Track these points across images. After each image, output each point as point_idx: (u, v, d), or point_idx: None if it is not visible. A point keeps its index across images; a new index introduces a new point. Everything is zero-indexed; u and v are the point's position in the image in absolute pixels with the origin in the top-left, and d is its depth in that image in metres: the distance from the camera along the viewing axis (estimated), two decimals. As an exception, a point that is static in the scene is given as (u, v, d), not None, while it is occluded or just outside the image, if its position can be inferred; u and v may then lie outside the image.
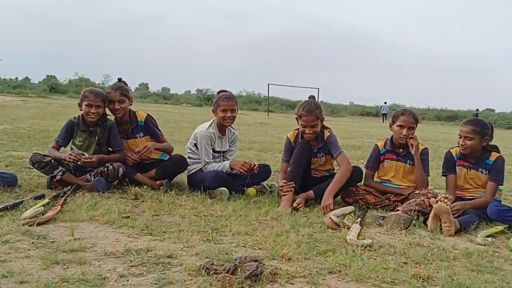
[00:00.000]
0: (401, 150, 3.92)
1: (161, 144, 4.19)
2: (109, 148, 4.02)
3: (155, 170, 3.99)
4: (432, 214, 3.19)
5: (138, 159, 4.00)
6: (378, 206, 3.74)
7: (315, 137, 3.88)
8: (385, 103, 37.20)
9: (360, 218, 3.21)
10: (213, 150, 4.05)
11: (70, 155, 3.69)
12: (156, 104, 34.50)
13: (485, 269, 2.42)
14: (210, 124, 4.11)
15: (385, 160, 3.98)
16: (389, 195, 3.81)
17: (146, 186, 3.78)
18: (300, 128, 3.87)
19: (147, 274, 2.03)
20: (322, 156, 3.96)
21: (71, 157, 3.68)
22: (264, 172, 4.21)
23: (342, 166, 3.75)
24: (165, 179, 3.95)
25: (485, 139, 3.66)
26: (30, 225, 2.60)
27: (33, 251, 2.23)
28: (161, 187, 3.81)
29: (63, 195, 3.31)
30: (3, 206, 2.88)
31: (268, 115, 27.48)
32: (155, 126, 4.24)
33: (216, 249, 2.39)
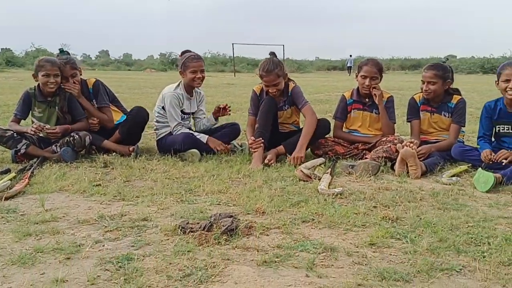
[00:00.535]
0: (367, 100, 3.97)
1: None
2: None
3: (118, 130, 3.94)
4: (399, 159, 3.29)
5: (96, 122, 3.94)
6: (347, 156, 3.81)
7: (280, 93, 3.90)
8: (350, 56, 37.20)
9: (330, 169, 3.27)
10: (182, 112, 4.00)
11: (32, 128, 3.58)
12: (119, 71, 33.60)
13: (451, 207, 2.54)
14: (177, 85, 4.03)
15: (352, 110, 4.03)
16: (357, 145, 3.89)
17: (115, 154, 3.73)
18: (264, 88, 3.86)
19: (123, 238, 2.03)
20: (288, 108, 3.99)
21: (33, 129, 3.57)
22: (233, 131, 4.20)
23: (307, 117, 3.80)
24: (130, 138, 3.91)
25: (447, 83, 3.75)
26: (-2, 200, 2.54)
27: (3, 225, 2.19)
28: (131, 153, 3.76)
29: (30, 168, 3.23)
30: (-33, 184, 2.79)
31: (235, 76, 27.20)
32: (103, 91, 4.10)
33: (191, 209, 2.41)
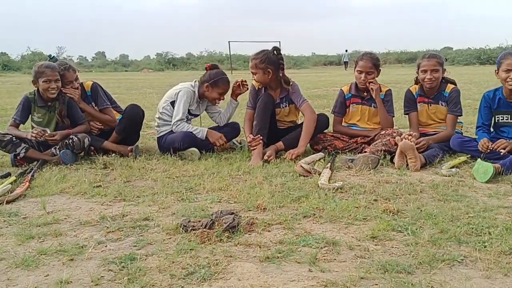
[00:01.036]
0: (365, 94, 3.97)
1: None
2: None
3: (115, 129, 3.95)
4: (398, 152, 3.29)
5: (101, 127, 3.95)
6: (347, 150, 3.82)
7: (276, 87, 3.90)
8: (346, 51, 37.31)
9: (330, 163, 3.27)
10: (189, 112, 3.99)
11: (32, 134, 3.59)
12: (116, 73, 33.55)
13: (451, 198, 2.54)
14: (194, 86, 4.01)
15: (351, 105, 4.03)
16: (357, 139, 3.89)
17: (115, 154, 3.72)
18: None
19: (125, 238, 2.03)
20: (286, 106, 3.98)
21: (33, 135, 3.58)
22: (234, 131, 4.20)
23: (307, 116, 3.80)
24: (129, 137, 3.92)
25: (444, 70, 3.78)
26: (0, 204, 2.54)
27: (6, 229, 2.19)
28: (130, 154, 3.76)
29: (30, 171, 3.23)
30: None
31: (232, 73, 27.09)
32: (102, 93, 4.10)
33: (192, 207, 2.41)
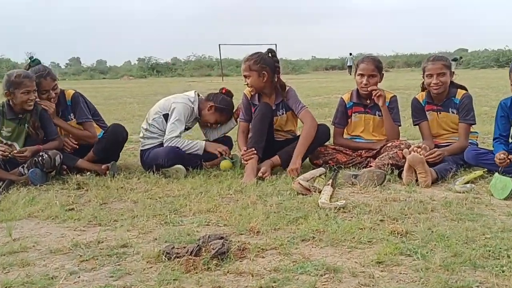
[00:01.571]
0: (369, 101, 3.98)
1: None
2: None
3: (93, 149, 3.94)
4: (406, 166, 3.31)
5: (76, 145, 3.93)
6: (350, 165, 3.83)
7: (271, 93, 3.93)
8: (350, 55, 37.60)
9: (332, 180, 3.29)
10: (185, 128, 4.05)
11: None
12: (93, 80, 33.66)
13: (466, 217, 2.56)
14: (193, 101, 4.02)
15: (353, 114, 4.05)
16: (361, 152, 3.91)
17: (90, 173, 3.72)
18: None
19: (100, 268, 2.03)
20: (283, 114, 4.00)
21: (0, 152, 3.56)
22: (225, 143, 4.19)
23: (306, 123, 3.81)
24: (107, 158, 3.89)
25: (452, 74, 3.82)
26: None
27: (-34, 259, 2.17)
28: (108, 172, 3.75)
29: (-6, 194, 3.21)
30: None
31: (223, 80, 27.29)
32: (84, 105, 4.09)
33: (176, 232, 2.41)
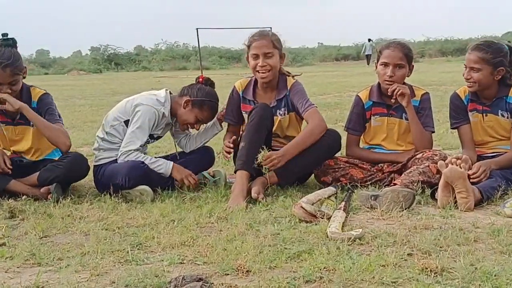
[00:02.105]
0: (393, 100, 3.95)
1: None
2: None
3: (38, 174, 3.90)
4: (442, 184, 3.32)
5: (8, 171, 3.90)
6: (368, 183, 3.85)
7: (274, 86, 3.97)
8: (369, 41, 37.58)
9: (344, 202, 3.29)
10: (150, 136, 4.03)
11: None
12: (31, 76, 33.37)
13: (519, 249, 2.57)
14: (163, 101, 4.00)
15: (372, 117, 4.06)
16: (382, 165, 3.93)
17: (26, 197, 3.70)
18: (251, 62, 3.90)
19: (40, 321, 2.01)
20: (284, 114, 4.01)
21: None
22: (204, 159, 4.24)
23: (312, 122, 3.82)
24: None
25: (499, 71, 3.74)
26: None
27: None
28: (49, 196, 3.74)
29: None
30: None
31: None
32: (55, 107, 4.11)
33: (140, 273, 2.39)
